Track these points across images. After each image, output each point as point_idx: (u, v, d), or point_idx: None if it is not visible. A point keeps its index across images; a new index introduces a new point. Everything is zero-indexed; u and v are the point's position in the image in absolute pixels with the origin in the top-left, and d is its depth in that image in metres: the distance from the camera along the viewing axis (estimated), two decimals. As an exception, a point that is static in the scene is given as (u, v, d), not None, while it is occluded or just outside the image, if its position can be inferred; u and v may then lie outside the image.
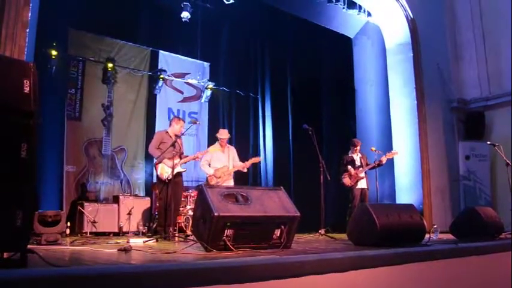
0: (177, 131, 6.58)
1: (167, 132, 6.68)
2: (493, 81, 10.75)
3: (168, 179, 6.22)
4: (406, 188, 9.91)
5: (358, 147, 8.32)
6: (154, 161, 6.74)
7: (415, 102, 10.02)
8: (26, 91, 2.65)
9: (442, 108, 10.62)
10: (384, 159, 7.95)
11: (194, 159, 6.88)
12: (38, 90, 2.76)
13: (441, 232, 6.67)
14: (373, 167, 8.01)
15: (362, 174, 8.08)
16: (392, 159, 9.83)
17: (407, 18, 10.35)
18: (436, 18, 11.06)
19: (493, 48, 10.83)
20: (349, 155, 8.32)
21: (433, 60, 10.50)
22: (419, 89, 10.11)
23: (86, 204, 7.16)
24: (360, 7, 10.52)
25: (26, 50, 5.30)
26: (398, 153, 8.42)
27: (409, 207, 5.28)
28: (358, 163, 8.20)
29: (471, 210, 6.07)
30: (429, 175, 9.74)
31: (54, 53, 7.71)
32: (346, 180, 8.08)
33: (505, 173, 7.11)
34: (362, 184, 8.11)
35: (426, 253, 3.88)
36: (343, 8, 10.21)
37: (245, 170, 7.34)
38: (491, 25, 10.90)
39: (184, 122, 7.10)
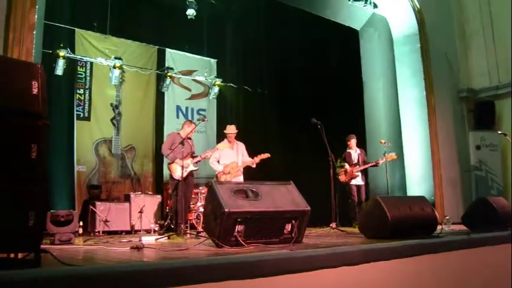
0: (189, 134, 6.72)
1: (179, 133, 6.85)
2: (502, 70, 10.62)
3: (181, 178, 6.27)
4: (417, 180, 9.84)
5: (350, 143, 8.33)
6: (167, 161, 6.84)
7: (424, 93, 9.93)
8: (34, 92, 2.67)
9: (451, 99, 10.53)
10: (381, 161, 7.96)
11: (205, 158, 6.95)
12: (46, 91, 2.78)
13: (453, 223, 6.63)
14: (369, 167, 8.08)
15: (357, 173, 8.09)
16: (402, 150, 9.80)
17: (414, 8, 10.24)
18: (443, 7, 10.95)
19: (501, 36, 10.69)
20: (347, 151, 8.35)
21: (441, 50, 10.41)
22: (428, 79, 10.02)
23: (97, 203, 7.20)
24: (366, -1, 10.45)
25: (33, 52, 5.32)
26: (398, 157, 8.37)
27: (420, 199, 5.26)
28: (355, 160, 8.20)
29: (483, 200, 6.02)
30: (440, 166, 9.66)
31: (61, 54, 7.77)
32: (342, 177, 8.15)
33: (516, 162, 7.04)
34: (357, 181, 8.15)
35: (439, 244, 3.86)
36: (349, 0, 10.14)
37: (254, 166, 7.35)
38: (499, 13, 10.76)
39: (195, 123, 7.14)
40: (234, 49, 10.31)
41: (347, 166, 8.14)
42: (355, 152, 8.33)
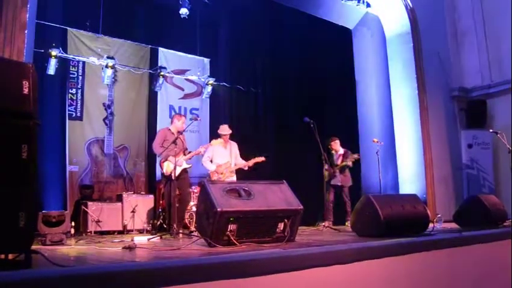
0: (180, 128, 6.66)
1: (169, 129, 6.75)
2: (494, 69, 10.70)
3: (174, 176, 6.22)
4: (410, 178, 9.89)
5: (332, 144, 8.37)
6: (160, 159, 6.74)
7: (416, 91, 9.98)
8: (25, 92, 2.66)
9: (443, 97, 10.59)
10: (350, 163, 8.04)
11: (197, 154, 6.90)
12: (38, 91, 2.77)
13: (445, 221, 6.67)
14: (339, 168, 8.18)
15: (337, 173, 8.17)
16: (394, 149, 9.85)
17: (406, 7, 10.28)
18: (436, 6, 11.00)
19: (493, 36, 10.77)
20: (331, 152, 8.40)
21: (433, 49, 10.45)
22: (420, 78, 10.06)
23: (89, 203, 7.17)
24: (359, -2, 10.48)
25: (24, 51, 5.29)
26: (359, 157, 8.47)
27: (412, 197, 5.28)
28: (335, 161, 8.26)
29: (474, 198, 6.07)
30: (432, 164, 9.72)
31: (53, 53, 7.71)
32: (324, 176, 8.19)
33: (508, 161, 7.10)
34: (335, 181, 8.19)
35: (430, 242, 3.88)
36: (342, -1, 10.18)
37: (247, 168, 7.37)
38: (491, 12, 10.83)
39: (186, 117, 7.11)
40: (227, 48, 10.30)
41: (326, 166, 8.21)
42: (336, 153, 8.38)
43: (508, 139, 7.53)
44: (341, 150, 8.39)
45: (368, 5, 10.69)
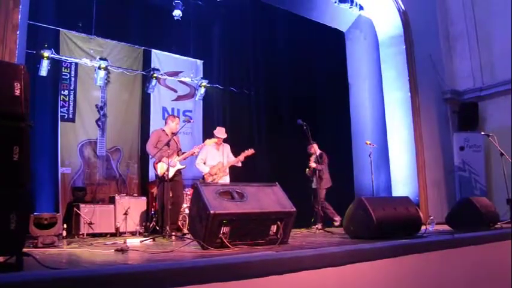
0: (174, 129, 6.66)
1: (164, 130, 6.73)
2: (485, 72, 10.79)
3: (167, 178, 6.18)
4: (402, 181, 9.93)
5: (309, 148, 8.39)
6: (154, 160, 6.72)
7: (409, 94, 10.03)
8: (16, 93, 2.64)
9: (435, 100, 10.65)
10: (312, 164, 8.08)
11: (192, 154, 6.89)
12: (30, 92, 2.75)
13: (437, 223, 6.70)
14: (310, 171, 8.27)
15: (313, 176, 8.25)
16: (387, 151, 9.89)
17: (399, 10, 10.35)
18: (428, 10, 11.07)
19: (485, 39, 10.86)
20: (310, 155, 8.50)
21: (425, 52, 10.52)
22: (413, 81, 10.12)
23: (82, 205, 7.14)
24: (352, 1, 10.50)
25: (16, 52, 5.26)
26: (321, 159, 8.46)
27: (405, 199, 5.30)
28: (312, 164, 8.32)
29: (466, 200, 6.09)
30: (424, 167, 9.77)
31: (45, 54, 7.67)
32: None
33: (499, 163, 7.15)
34: (313, 184, 8.25)
35: (423, 245, 3.90)
36: (335, 2, 10.19)
37: (240, 164, 7.37)
38: (483, 16, 10.92)
39: (178, 116, 7.11)
40: (220, 50, 10.30)
41: (307, 169, 8.35)
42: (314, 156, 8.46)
43: (499, 141, 7.57)
44: (317, 153, 8.46)
45: (361, 8, 10.74)
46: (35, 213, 5.19)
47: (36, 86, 7.70)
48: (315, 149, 8.35)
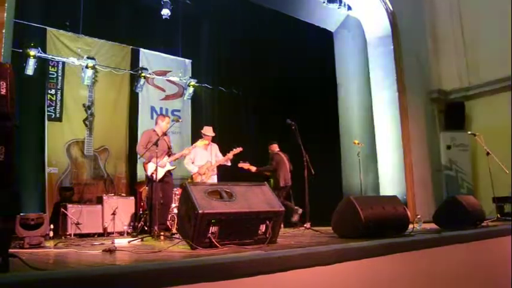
0: (164, 128, 6.61)
1: (154, 130, 6.66)
2: (471, 72, 10.92)
3: (156, 178, 6.14)
4: (390, 180, 10.00)
5: (270, 147, 8.52)
6: (143, 160, 6.66)
7: (396, 94, 10.11)
8: (2, 93, 2.60)
9: (422, 100, 10.75)
10: (253, 169, 8.08)
11: (182, 156, 6.85)
12: (16, 91, 2.71)
13: (425, 222, 6.75)
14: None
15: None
16: (375, 151, 9.95)
17: (387, 11, 10.42)
18: (416, 11, 11.17)
19: (471, 40, 10.99)
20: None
21: (413, 52, 10.61)
22: (400, 81, 10.20)
23: (69, 205, 7.08)
24: (340, 1, 10.54)
25: (2, 51, 5.20)
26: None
27: (392, 198, 5.33)
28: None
29: (453, 199, 6.13)
30: (412, 166, 9.85)
31: (32, 53, 7.59)
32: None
33: (485, 162, 7.23)
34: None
35: (410, 243, 3.93)
36: (324, 2, 10.22)
37: (229, 163, 7.36)
38: (469, 17, 11.04)
39: (168, 116, 7.07)
40: (209, 50, 10.29)
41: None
42: None
43: (485, 141, 7.65)
44: (274, 152, 8.51)
45: (349, 8, 10.79)
46: (22, 214, 5.13)
47: (23, 85, 7.62)
48: (272, 149, 8.39)
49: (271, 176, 8.31)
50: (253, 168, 8.01)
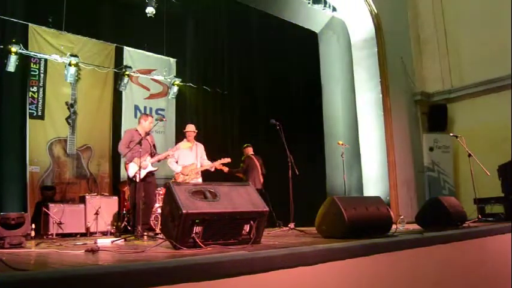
0: (147, 128, 6.46)
1: (137, 130, 6.54)
2: (454, 75, 11.07)
3: (139, 179, 6.06)
4: (373, 180, 10.09)
5: (244, 150, 8.57)
6: (124, 160, 6.54)
7: (380, 95, 10.20)
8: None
9: (406, 101, 10.86)
10: (225, 169, 8.09)
11: (166, 158, 6.76)
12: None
13: (408, 222, 6.82)
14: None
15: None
16: (359, 152, 10.02)
17: (371, 13, 10.50)
18: (399, 13, 11.29)
19: (454, 43, 11.14)
20: None
21: (397, 54, 10.71)
22: (384, 82, 10.30)
23: (51, 205, 6.99)
24: (325, 2, 10.60)
25: (-17, 47, 5.11)
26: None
27: (376, 199, 5.36)
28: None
29: (435, 200, 6.20)
30: (395, 167, 9.94)
31: (13, 49, 7.48)
32: None
33: (467, 164, 7.31)
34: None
35: (393, 244, 3.96)
36: (308, 2, 10.26)
37: (213, 169, 7.33)
38: (452, 21, 11.20)
39: (151, 116, 7.02)
40: (193, 49, 10.25)
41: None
42: None
43: (467, 143, 7.75)
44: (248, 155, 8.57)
45: (334, 9, 10.85)
46: (2, 213, 5.05)
47: (4, 82, 7.51)
48: (246, 152, 8.42)
49: (243, 179, 8.33)
50: (226, 169, 8.01)
